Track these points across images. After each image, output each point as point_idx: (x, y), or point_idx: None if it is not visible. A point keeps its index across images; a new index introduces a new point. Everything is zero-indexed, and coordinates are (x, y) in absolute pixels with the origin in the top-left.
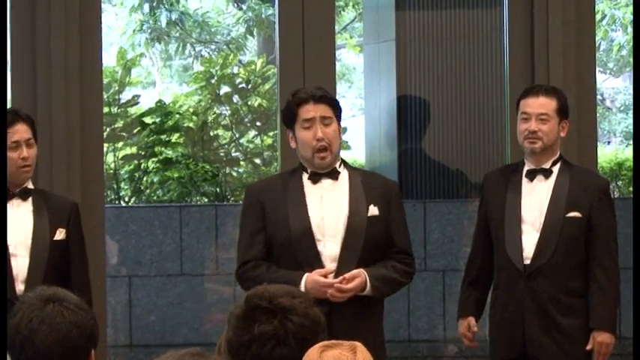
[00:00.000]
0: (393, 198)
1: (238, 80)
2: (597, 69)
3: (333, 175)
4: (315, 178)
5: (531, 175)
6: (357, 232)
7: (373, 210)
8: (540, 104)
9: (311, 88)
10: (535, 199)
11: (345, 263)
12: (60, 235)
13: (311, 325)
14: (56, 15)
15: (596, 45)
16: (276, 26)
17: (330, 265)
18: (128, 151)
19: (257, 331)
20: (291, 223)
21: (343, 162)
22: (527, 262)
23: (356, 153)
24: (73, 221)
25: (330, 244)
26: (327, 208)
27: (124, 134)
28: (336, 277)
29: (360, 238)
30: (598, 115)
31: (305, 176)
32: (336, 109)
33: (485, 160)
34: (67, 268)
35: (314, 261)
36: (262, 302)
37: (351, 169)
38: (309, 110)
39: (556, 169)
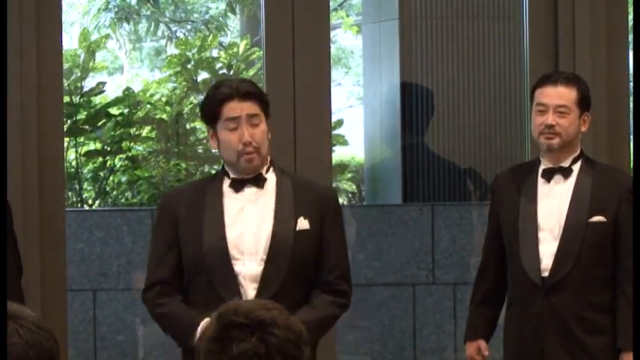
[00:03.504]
0: (329, 211)
1: (219, 65)
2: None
3: (259, 182)
4: (237, 186)
5: (548, 175)
6: (282, 248)
7: (303, 223)
8: (559, 94)
9: (235, 80)
10: (553, 203)
11: (267, 285)
12: None
13: (295, 339)
14: None
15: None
16: (262, 3)
17: (250, 286)
18: (92, 146)
19: (236, 352)
20: (205, 241)
21: (272, 165)
22: (546, 274)
23: (354, 148)
24: None
25: (250, 264)
26: (248, 221)
27: (87, 127)
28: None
29: (286, 256)
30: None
31: (226, 183)
32: (265, 105)
33: (502, 157)
34: None
35: (230, 283)
36: (237, 318)
37: (281, 174)
38: (234, 108)
39: (576, 167)
